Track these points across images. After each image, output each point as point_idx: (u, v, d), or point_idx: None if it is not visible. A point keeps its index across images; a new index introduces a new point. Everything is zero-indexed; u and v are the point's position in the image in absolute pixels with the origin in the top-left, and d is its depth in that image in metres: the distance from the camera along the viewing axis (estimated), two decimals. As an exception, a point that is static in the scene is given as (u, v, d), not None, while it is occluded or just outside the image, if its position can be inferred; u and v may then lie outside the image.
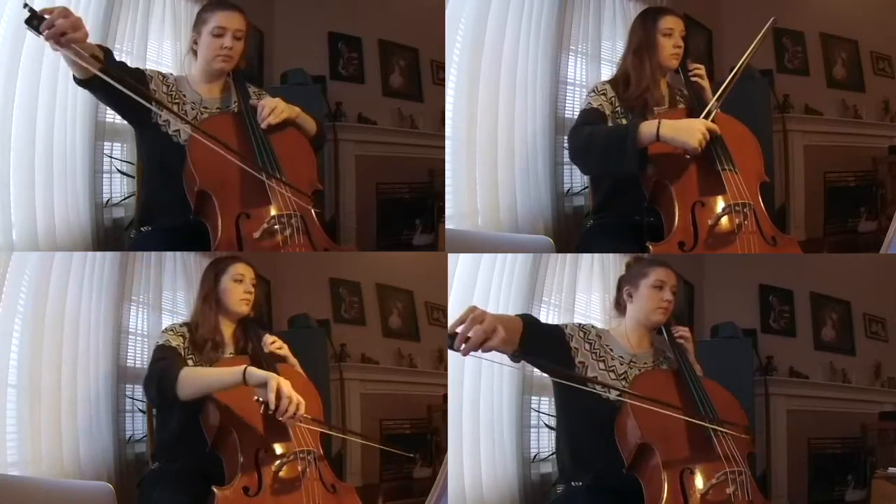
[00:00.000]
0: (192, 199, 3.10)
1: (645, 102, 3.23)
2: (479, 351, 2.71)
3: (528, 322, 2.98)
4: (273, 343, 3.16)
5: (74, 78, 3.05)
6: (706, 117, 3.09)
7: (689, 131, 3.03)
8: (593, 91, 3.28)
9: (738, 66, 3.14)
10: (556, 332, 3.08)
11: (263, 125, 3.14)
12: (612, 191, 3.31)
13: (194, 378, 2.96)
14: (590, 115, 3.22)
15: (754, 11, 3.16)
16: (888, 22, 3.64)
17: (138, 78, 3.13)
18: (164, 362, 3.01)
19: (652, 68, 3.24)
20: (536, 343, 2.94)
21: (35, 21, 2.80)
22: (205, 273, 3.20)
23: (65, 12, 2.81)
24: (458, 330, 2.70)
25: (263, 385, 2.88)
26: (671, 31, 3.24)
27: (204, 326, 3.13)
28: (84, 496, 3.25)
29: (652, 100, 3.23)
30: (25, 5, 2.80)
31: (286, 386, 2.88)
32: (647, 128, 3.04)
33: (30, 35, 3.35)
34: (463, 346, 2.70)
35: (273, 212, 3.08)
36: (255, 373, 2.90)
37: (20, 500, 3.13)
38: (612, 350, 3.10)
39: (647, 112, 3.23)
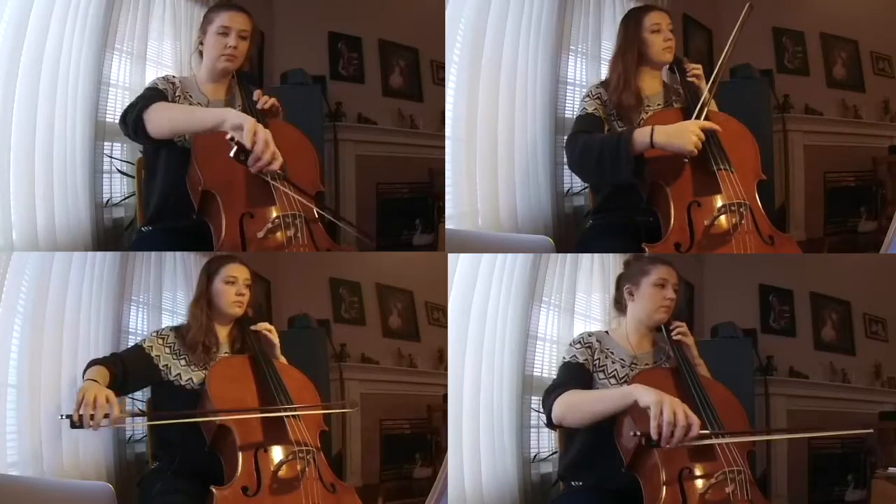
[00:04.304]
0: (195, 199, 3.10)
1: (626, 102, 3.22)
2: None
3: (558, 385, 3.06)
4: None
5: None
6: (700, 115, 3.09)
7: (682, 134, 3.03)
8: (587, 95, 3.28)
9: (722, 57, 3.14)
10: (580, 370, 3.09)
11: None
12: (613, 191, 3.31)
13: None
14: (584, 122, 3.22)
15: (754, 11, 3.15)
16: (888, 22, 3.64)
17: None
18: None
19: (625, 70, 3.24)
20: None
21: (242, 156, 2.91)
22: (199, 274, 3.21)
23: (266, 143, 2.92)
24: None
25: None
26: (658, 26, 3.25)
27: (195, 328, 3.13)
28: (84, 496, 3.25)
29: (628, 102, 3.22)
30: (232, 139, 2.91)
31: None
32: (641, 135, 3.05)
33: (30, 35, 3.40)
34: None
35: (277, 212, 3.09)
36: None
37: (20, 500, 3.13)
38: (612, 353, 3.10)
39: (638, 112, 3.22)
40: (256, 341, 3.15)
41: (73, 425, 2.79)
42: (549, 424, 3.05)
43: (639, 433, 2.76)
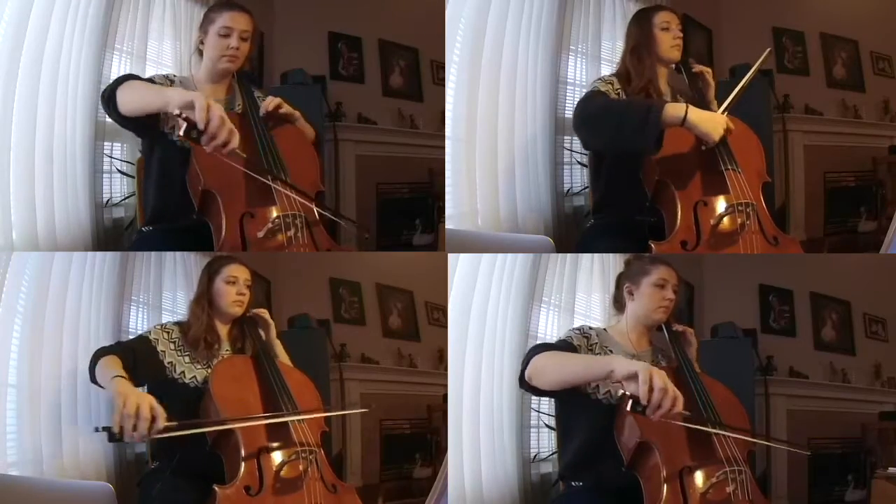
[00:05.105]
0: (195, 199, 3.10)
1: (648, 95, 3.23)
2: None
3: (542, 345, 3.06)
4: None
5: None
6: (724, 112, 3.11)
7: (714, 123, 3.06)
8: (600, 79, 3.28)
9: (747, 76, 3.17)
10: (571, 348, 3.09)
11: (262, 112, 3.16)
12: (612, 190, 3.32)
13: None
14: (599, 94, 3.22)
15: (754, 11, 3.16)
16: (888, 22, 3.64)
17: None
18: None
19: (651, 63, 3.25)
20: None
21: (194, 133, 2.83)
22: (200, 274, 3.21)
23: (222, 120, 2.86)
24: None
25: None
26: (668, 24, 3.26)
27: (196, 326, 3.14)
28: (84, 496, 3.25)
29: (654, 92, 3.23)
30: (180, 114, 2.82)
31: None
32: (674, 109, 3.03)
33: (30, 35, 3.40)
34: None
35: (277, 212, 3.08)
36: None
37: (20, 500, 3.13)
38: (611, 351, 3.10)
39: None
40: (254, 330, 3.17)
41: (111, 438, 2.65)
42: (521, 383, 3.02)
43: (629, 393, 2.69)
